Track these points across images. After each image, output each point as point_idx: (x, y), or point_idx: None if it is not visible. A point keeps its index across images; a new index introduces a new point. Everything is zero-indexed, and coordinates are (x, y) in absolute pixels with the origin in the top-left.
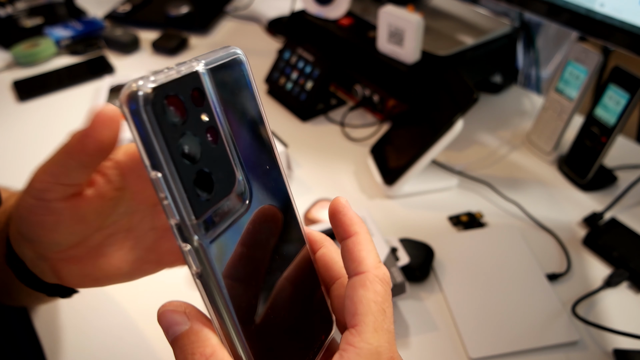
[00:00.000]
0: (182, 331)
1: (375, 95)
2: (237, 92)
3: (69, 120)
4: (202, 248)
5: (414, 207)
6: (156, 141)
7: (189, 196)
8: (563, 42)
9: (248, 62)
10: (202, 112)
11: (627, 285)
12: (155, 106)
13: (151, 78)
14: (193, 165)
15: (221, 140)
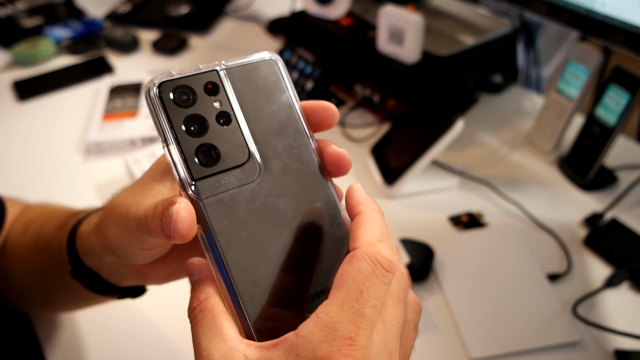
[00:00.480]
0: (193, 280)
1: (376, 95)
2: (264, 87)
3: (69, 120)
4: (197, 206)
5: (414, 207)
6: (162, 121)
7: (187, 161)
8: (563, 42)
9: (281, 63)
10: (215, 100)
11: (628, 285)
12: (163, 94)
13: (172, 73)
14: (197, 139)
15: (234, 123)
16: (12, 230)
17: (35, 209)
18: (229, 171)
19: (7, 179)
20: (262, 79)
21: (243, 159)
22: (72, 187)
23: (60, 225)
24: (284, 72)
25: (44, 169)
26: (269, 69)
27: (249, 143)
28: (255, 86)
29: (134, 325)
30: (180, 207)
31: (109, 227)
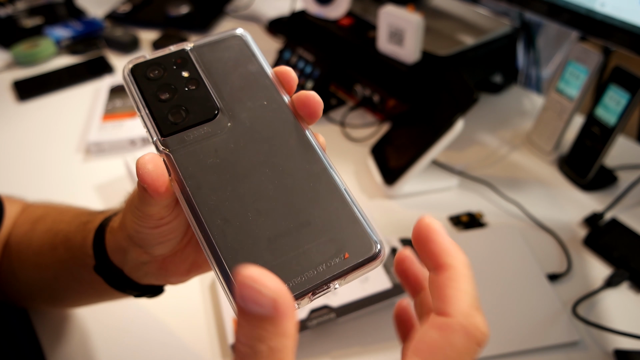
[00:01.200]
0: (261, 314)
1: (375, 95)
2: (232, 56)
3: (69, 120)
4: (168, 158)
5: (414, 207)
6: (135, 93)
7: (157, 122)
8: (563, 42)
9: (249, 37)
10: (184, 71)
11: (628, 285)
12: (135, 73)
13: (146, 55)
14: (167, 103)
15: (202, 86)
16: (18, 227)
17: (39, 208)
18: (198, 126)
19: (7, 179)
20: (230, 50)
21: (211, 114)
22: (72, 187)
23: (83, 222)
24: (253, 44)
25: (44, 169)
26: (236, 42)
27: (217, 101)
28: (222, 57)
29: (134, 321)
30: (144, 158)
31: (126, 215)
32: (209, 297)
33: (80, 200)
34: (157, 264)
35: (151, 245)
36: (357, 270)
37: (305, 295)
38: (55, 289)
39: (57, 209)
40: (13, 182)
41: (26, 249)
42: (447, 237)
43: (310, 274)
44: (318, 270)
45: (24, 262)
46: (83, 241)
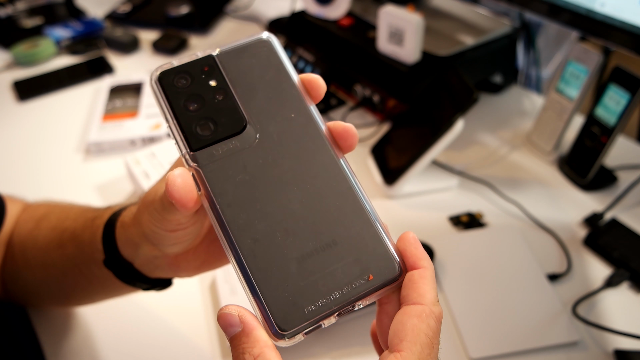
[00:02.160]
0: (235, 332)
1: (375, 95)
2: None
3: (69, 121)
4: (197, 173)
5: (414, 207)
6: (163, 103)
7: (185, 135)
8: (563, 42)
9: (276, 41)
10: (212, 80)
11: (628, 285)
12: (163, 82)
13: (172, 62)
14: (195, 114)
15: (230, 96)
16: (21, 226)
17: (41, 206)
18: (226, 140)
19: (7, 179)
20: (256, 56)
21: (239, 128)
22: (72, 187)
23: (89, 218)
24: (279, 49)
25: (44, 169)
26: (263, 47)
27: (245, 113)
28: (249, 64)
29: (134, 321)
30: (173, 174)
31: (142, 214)
32: (209, 297)
33: (80, 200)
34: (168, 260)
35: (166, 245)
36: (379, 291)
37: (331, 316)
38: (62, 287)
39: (60, 206)
40: (13, 182)
41: (32, 248)
42: (421, 246)
43: (335, 295)
44: (343, 291)
45: (29, 260)
46: (92, 237)
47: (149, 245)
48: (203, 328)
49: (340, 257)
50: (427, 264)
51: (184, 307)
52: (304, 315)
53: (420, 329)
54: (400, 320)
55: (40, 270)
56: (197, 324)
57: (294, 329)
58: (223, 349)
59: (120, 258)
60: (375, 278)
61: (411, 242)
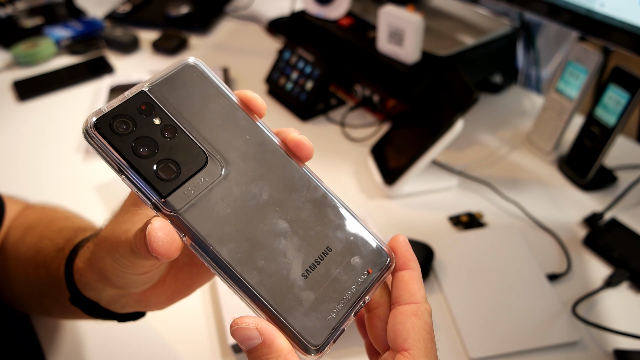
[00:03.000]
0: (255, 345)
1: (375, 95)
2: (195, 90)
3: (69, 120)
4: (177, 219)
5: (414, 207)
6: (111, 154)
7: (150, 183)
8: (563, 42)
9: (201, 63)
10: (154, 117)
11: (628, 285)
12: (102, 130)
13: (102, 108)
14: (152, 159)
15: (180, 132)
16: (11, 232)
17: (34, 212)
18: (193, 177)
19: (7, 179)
20: (189, 83)
21: (202, 162)
22: (72, 187)
23: (60, 246)
24: (208, 71)
25: (44, 169)
26: (192, 72)
27: (202, 145)
28: (184, 92)
29: (135, 324)
30: (153, 227)
31: (103, 260)
32: (209, 297)
33: (79, 200)
34: (136, 297)
35: (132, 287)
36: (380, 280)
37: (350, 317)
38: (42, 305)
39: (48, 216)
40: (13, 182)
41: (14, 260)
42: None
43: (347, 297)
44: (352, 290)
45: (11, 271)
46: (58, 270)
47: (112, 289)
48: (203, 328)
49: (338, 261)
50: (416, 265)
51: (184, 307)
52: (328, 325)
53: (420, 326)
54: (399, 321)
55: (21, 284)
56: (197, 324)
57: (325, 341)
58: (223, 349)
59: (84, 298)
60: (373, 271)
61: (402, 244)
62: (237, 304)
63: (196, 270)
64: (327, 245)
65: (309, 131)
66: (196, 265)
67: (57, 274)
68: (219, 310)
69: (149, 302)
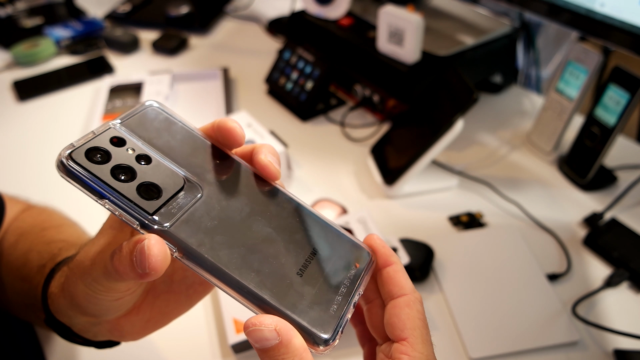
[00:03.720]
0: (272, 345)
1: (375, 95)
2: (161, 126)
3: (69, 121)
4: (165, 234)
5: (414, 207)
6: (91, 182)
7: (135, 204)
8: (563, 42)
9: (160, 104)
10: (127, 148)
11: (628, 285)
12: (78, 160)
13: (73, 143)
14: (132, 182)
15: (155, 160)
16: (6, 237)
17: (30, 217)
18: (175, 197)
19: (7, 179)
20: (155, 120)
21: (180, 184)
22: (72, 187)
23: (41, 264)
24: (169, 110)
25: (44, 169)
26: (155, 111)
27: (178, 169)
28: (153, 127)
29: None
30: (150, 242)
31: (75, 285)
32: (209, 297)
33: (80, 200)
34: (109, 325)
35: (104, 314)
36: (367, 274)
37: (350, 307)
38: (28, 315)
39: (42, 224)
40: (13, 182)
41: (6, 267)
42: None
43: (343, 289)
44: (345, 285)
45: (6, 277)
46: (37, 288)
47: (84, 316)
48: (203, 328)
49: (327, 260)
50: (396, 259)
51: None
52: (333, 316)
53: (414, 315)
54: (394, 314)
55: (10, 291)
56: (197, 324)
57: (334, 331)
58: (223, 349)
59: (58, 321)
60: (360, 265)
61: (378, 241)
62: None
63: (174, 298)
64: (313, 247)
65: (309, 131)
66: (174, 293)
67: (36, 292)
68: (219, 310)
69: (122, 331)
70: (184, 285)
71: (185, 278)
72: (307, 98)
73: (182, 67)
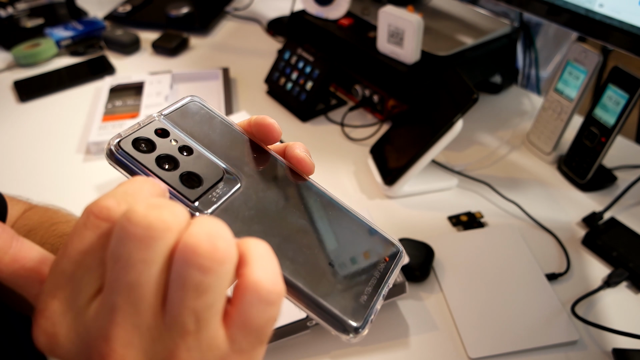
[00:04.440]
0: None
1: (375, 95)
2: (202, 119)
3: (69, 121)
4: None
5: (414, 207)
6: (139, 169)
7: (179, 191)
8: (563, 43)
9: (201, 99)
10: (171, 140)
11: (627, 285)
12: (126, 149)
13: (121, 133)
14: (175, 172)
15: (196, 151)
16: None
17: (36, 214)
18: (215, 187)
19: (8, 179)
20: (196, 114)
21: (220, 174)
22: (72, 187)
23: None
24: (208, 105)
25: (45, 169)
26: (196, 106)
27: (218, 162)
28: (194, 121)
29: None
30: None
31: None
32: None
33: (80, 200)
34: None
35: None
36: (396, 268)
37: (380, 298)
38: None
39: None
40: (13, 182)
41: None
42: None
43: (373, 281)
44: (376, 275)
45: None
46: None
47: None
48: None
49: (358, 253)
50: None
51: None
52: (363, 305)
53: None
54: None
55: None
56: None
57: (364, 320)
58: None
59: None
60: (389, 259)
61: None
62: None
63: None
64: (345, 240)
65: (309, 131)
66: None
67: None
68: None
69: None
70: None
71: None
72: (307, 98)
73: (182, 67)
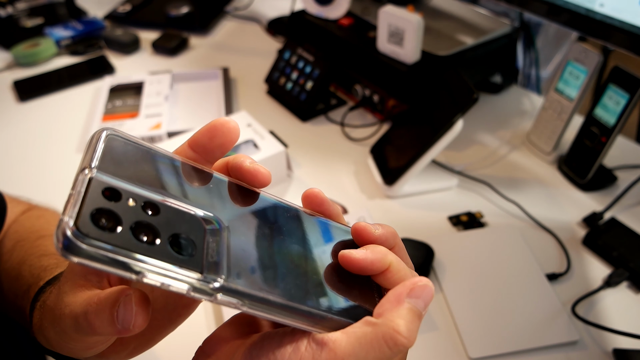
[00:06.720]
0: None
1: (375, 95)
2: (132, 155)
3: (69, 121)
4: (226, 288)
5: (414, 207)
6: (119, 260)
7: (180, 266)
8: (563, 42)
9: (114, 129)
10: (127, 199)
11: (627, 285)
12: (90, 234)
13: (66, 217)
14: (161, 242)
15: (160, 204)
16: (5, 241)
17: (29, 221)
18: (205, 241)
19: (8, 179)
20: (125, 152)
21: (200, 223)
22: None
23: (30, 283)
24: (125, 134)
25: (45, 169)
26: (117, 140)
27: (186, 208)
28: (128, 162)
29: None
30: (137, 295)
31: (47, 330)
32: None
33: None
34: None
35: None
36: None
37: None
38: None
39: (39, 231)
40: (13, 182)
41: (4, 274)
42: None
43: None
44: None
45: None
46: (25, 308)
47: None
48: (203, 328)
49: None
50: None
51: None
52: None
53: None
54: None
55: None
56: (198, 324)
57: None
58: None
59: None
60: None
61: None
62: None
63: (157, 324)
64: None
65: (309, 131)
66: (156, 320)
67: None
68: (219, 310)
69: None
70: (165, 312)
71: (167, 305)
72: (307, 98)
73: (182, 67)
